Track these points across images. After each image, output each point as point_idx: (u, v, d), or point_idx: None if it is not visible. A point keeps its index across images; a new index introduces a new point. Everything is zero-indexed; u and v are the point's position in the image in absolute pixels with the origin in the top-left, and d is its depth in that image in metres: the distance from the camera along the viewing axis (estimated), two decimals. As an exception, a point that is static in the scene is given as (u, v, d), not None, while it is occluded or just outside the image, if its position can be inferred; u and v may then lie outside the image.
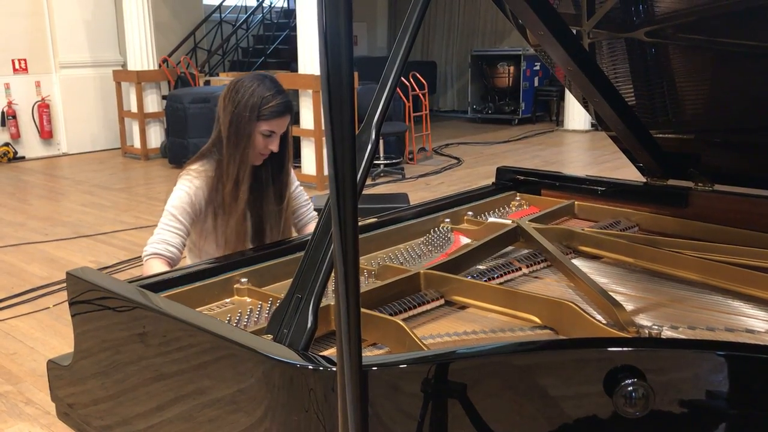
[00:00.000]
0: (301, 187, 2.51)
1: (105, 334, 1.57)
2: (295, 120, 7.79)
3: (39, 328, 4.07)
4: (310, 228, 2.48)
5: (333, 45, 0.65)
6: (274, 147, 2.22)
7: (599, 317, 1.48)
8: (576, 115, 11.01)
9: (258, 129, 2.18)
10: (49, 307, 4.36)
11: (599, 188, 2.38)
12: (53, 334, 3.99)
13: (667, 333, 1.43)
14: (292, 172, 2.43)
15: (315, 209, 2.61)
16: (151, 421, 1.47)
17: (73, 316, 1.63)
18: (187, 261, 2.33)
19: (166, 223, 2.19)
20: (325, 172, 7.67)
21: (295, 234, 2.49)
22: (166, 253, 2.14)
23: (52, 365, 1.76)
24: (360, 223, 2.07)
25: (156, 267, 2.11)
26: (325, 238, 1.31)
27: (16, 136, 9.70)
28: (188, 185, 2.22)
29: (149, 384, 1.45)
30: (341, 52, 0.65)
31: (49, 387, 1.79)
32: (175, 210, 2.19)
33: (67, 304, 1.66)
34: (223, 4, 12.22)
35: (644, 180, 2.32)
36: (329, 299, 1.53)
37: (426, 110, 9.26)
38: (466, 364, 1.12)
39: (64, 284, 1.64)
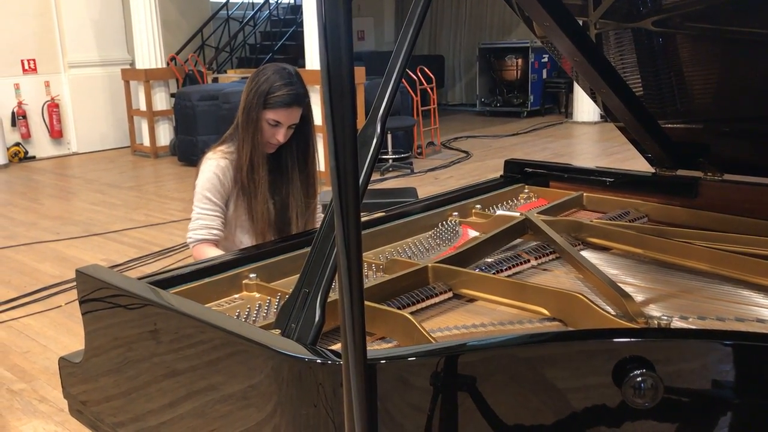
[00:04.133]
0: None
1: (116, 331, 1.58)
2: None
3: (51, 327, 4.10)
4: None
5: (333, 38, 0.65)
6: (281, 137, 2.25)
7: (608, 308, 1.48)
8: (585, 106, 10.96)
9: (264, 117, 2.22)
10: (61, 306, 4.40)
11: (608, 179, 2.37)
12: (65, 332, 4.02)
13: (677, 323, 1.42)
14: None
15: (323, 204, 2.62)
16: (163, 418, 1.47)
17: (83, 314, 1.64)
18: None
19: (201, 208, 2.26)
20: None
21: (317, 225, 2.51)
22: (211, 237, 2.24)
23: (64, 362, 1.77)
24: (368, 218, 2.08)
25: (207, 251, 2.20)
26: (331, 233, 1.31)
27: (27, 136, 9.75)
28: (215, 165, 2.28)
29: (161, 381, 1.46)
30: (341, 44, 0.65)
31: (61, 384, 1.80)
32: (208, 192, 2.26)
33: (78, 302, 1.67)
34: (230, 1, 12.24)
35: (653, 170, 2.30)
36: (337, 294, 1.53)
37: (434, 104, 9.24)
38: (475, 357, 1.12)
39: (75, 282, 1.65)
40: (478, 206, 2.32)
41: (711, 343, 1.09)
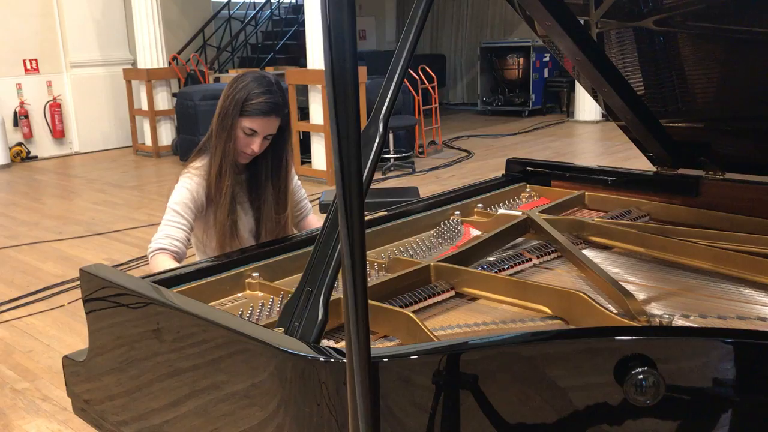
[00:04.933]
0: (299, 182, 2.49)
1: (119, 330, 1.58)
2: (305, 115, 7.83)
3: (54, 326, 4.11)
4: (309, 221, 2.48)
5: (337, 38, 0.65)
6: (255, 147, 2.17)
7: (610, 307, 1.48)
8: (586, 105, 10.95)
9: (239, 125, 2.15)
10: (63, 305, 4.40)
11: (609, 178, 2.37)
12: (68, 331, 4.03)
13: (679, 322, 1.43)
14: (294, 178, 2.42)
15: (324, 204, 2.61)
16: (167, 417, 1.48)
17: (87, 313, 1.65)
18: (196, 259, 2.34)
19: (169, 219, 2.20)
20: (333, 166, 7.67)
21: (294, 231, 2.46)
22: (171, 248, 2.15)
23: (68, 361, 1.78)
24: (370, 217, 2.08)
25: (162, 261, 2.12)
26: (334, 232, 1.31)
27: (29, 136, 9.76)
28: (188, 182, 2.23)
29: (164, 380, 1.46)
30: (345, 45, 0.65)
31: (65, 383, 1.81)
32: (176, 206, 2.20)
33: (81, 301, 1.67)
34: (232, 0, 12.24)
35: (655, 169, 2.31)
36: (340, 292, 1.54)
37: (435, 103, 9.24)
38: (477, 355, 1.12)
39: (78, 282, 1.66)
40: (480, 205, 2.32)
41: (712, 342, 1.09)
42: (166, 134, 9.88)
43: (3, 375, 3.54)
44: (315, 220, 2.52)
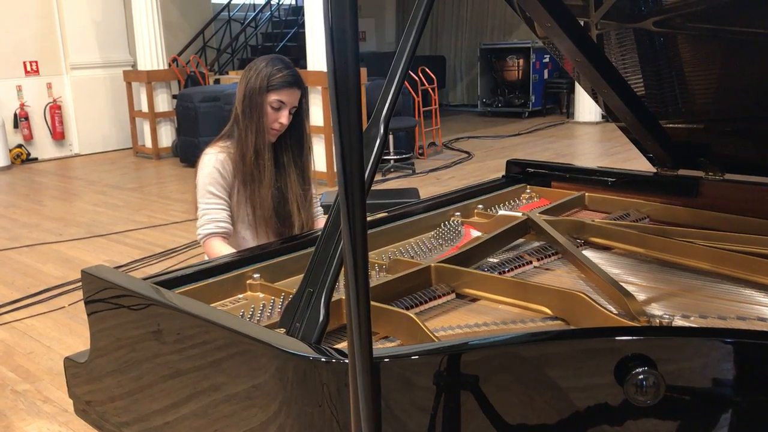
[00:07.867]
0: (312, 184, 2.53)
1: (121, 331, 1.59)
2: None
3: (55, 328, 4.11)
4: (319, 223, 2.50)
5: (339, 40, 0.66)
6: (284, 119, 2.28)
7: (610, 307, 1.48)
8: (586, 106, 10.96)
9: (267, 100, 2.26)
10: (64, 307, 4.40)
11: (609, 179, 2.38)
12: (69, 332, 4.03)
13: (679, 322, 1.43)
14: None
15: (325, 205, 2.62)
16: (167, 418, 1.48)
17: (89, 314, 1.65)
18: None
19: (206, 203, 2.28)
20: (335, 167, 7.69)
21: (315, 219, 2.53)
22: (219, 230, 2.25)
23: (69, 362, 1.78)
24: (371, 218, 2.09)
25: (216, 245, 2.23)
26: (335, 233, 1.32)
27: (29, 138, 9.76)
28: (213, 159, 2.30)
29: (165, 381, 1.46)
30: (347, 47, 0.66)
31: (66, 384, 1.81)
32: (210, 187, 2.28)
33: (81, 303, 1.67)
34: (232, 2, 12.25)
35: (654, 170, 2.31)
36: (341, 293, 1.54)
37: (435, 105, 9.25)
38: (478, 355, 1.13)
39: (79, 284, 1.67)
40: (481, 206, 2.33)
41: (712, 342, 1.10)
42: (166, 136, 9.88)
43: (4, 376, 3.54)
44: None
